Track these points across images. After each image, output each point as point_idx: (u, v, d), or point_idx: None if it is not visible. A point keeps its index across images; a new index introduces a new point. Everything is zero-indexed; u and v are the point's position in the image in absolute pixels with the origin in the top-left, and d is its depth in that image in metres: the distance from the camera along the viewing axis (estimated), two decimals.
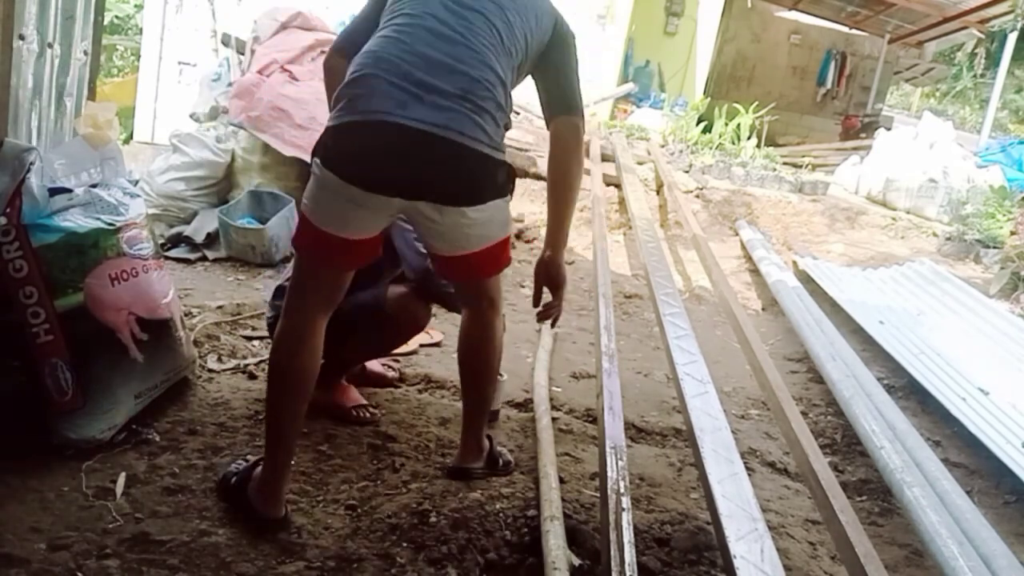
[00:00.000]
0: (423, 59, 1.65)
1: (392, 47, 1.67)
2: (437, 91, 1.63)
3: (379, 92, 1.62)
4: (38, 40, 2.75)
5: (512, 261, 4.73)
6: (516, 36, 1.79)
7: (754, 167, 6.91)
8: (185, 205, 4.34)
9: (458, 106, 1.64)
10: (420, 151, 1.63)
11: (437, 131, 1.61)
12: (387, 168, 1.64)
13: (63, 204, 2.05)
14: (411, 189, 1.69)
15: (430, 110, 1.61)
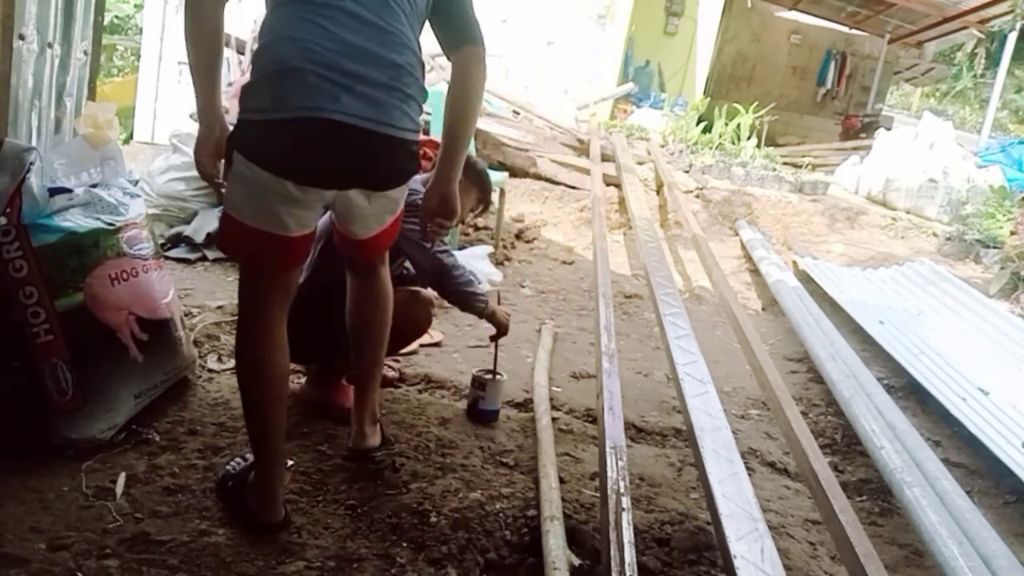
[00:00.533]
0: (348, 47, 1.60)
1: (314, 34, 1.59)
2: (367, 81, 1.61)
3: (309, 86, 1.57)
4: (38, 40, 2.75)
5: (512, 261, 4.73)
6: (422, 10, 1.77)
7: (754, 167, 6.91)
8: (185, 205, 4.33)
9: (388, 97, 1.64)
10: (355, 145, 1.63)
11: (371, 126, 1.62)
12: (323, 163, 1.64)
13: (63, 204, 2.05)
14: (346, 180, 1.70)
15: (362, 103, 1.60)
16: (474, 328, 3.50)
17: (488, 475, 2.19)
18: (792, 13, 12.67)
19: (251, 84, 1.64)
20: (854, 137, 11.08)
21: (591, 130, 7.16)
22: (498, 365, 2.66)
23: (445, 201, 1.88)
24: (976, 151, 8.17)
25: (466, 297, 2.39)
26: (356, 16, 1.62)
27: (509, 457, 2.34)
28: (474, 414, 2.56)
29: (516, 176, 6.09)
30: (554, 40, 7.81)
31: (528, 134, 6.59)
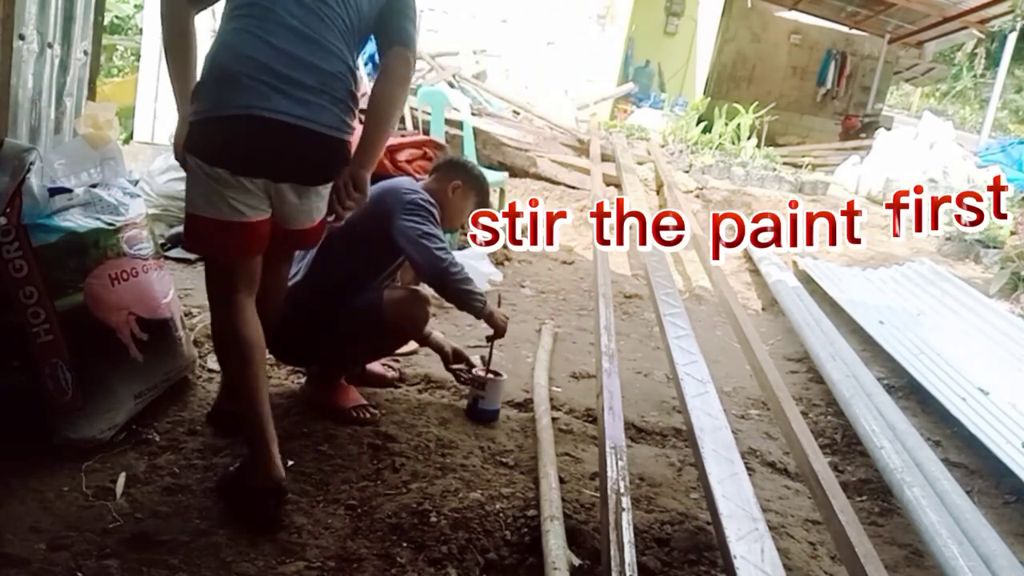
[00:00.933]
0: (281, 54, 1.76)
1: (251, 44, 1.76)
2: (297, 84, 1.76)
3: (243, 87, 1.73)
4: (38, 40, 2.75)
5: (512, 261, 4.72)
6: (362, 11, 1.91)
7: (754, 167, 6.91)
8: None
9: (316, 98, 1.79)
10: (282, 139, 1.77)
11: (297, 122, 1.76)
12: (254, 154, 1.78)
13: (63, 204, 2.05)
14: (276, 173, 1.83)
15: (291, 103, 1.75)
16: (474, 328, 3.50)
17: (488, 475, 2.19)
18: (792, 13, 12.68)
19: (196, 89, 1.81)
20: (854, 137, 11.08)
21: (591, 130, 7.16)
22: (498, 365, 2.66)
23: (355, 182, 1.96)
24: (976, 151, 8.18)
25: (464, 296, 2.39)
26: (292, 29, 1.78)
27: (509, 457, 2.34)
28: (474, 414, 2.56)
29: (516, 176, 6.09)
30: (554, 40, 7.81)
31: (528, 134, 6.59)
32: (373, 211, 2.39)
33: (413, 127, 5.52)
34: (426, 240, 2.29)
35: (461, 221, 2.69)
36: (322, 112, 1.80)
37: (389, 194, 2.38)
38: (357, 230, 2.40)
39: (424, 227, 2.31)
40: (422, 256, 2.31)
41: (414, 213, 2.31)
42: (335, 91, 1.83)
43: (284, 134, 1.76)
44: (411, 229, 2.29)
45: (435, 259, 2.29)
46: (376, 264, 2.43)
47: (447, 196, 2.51)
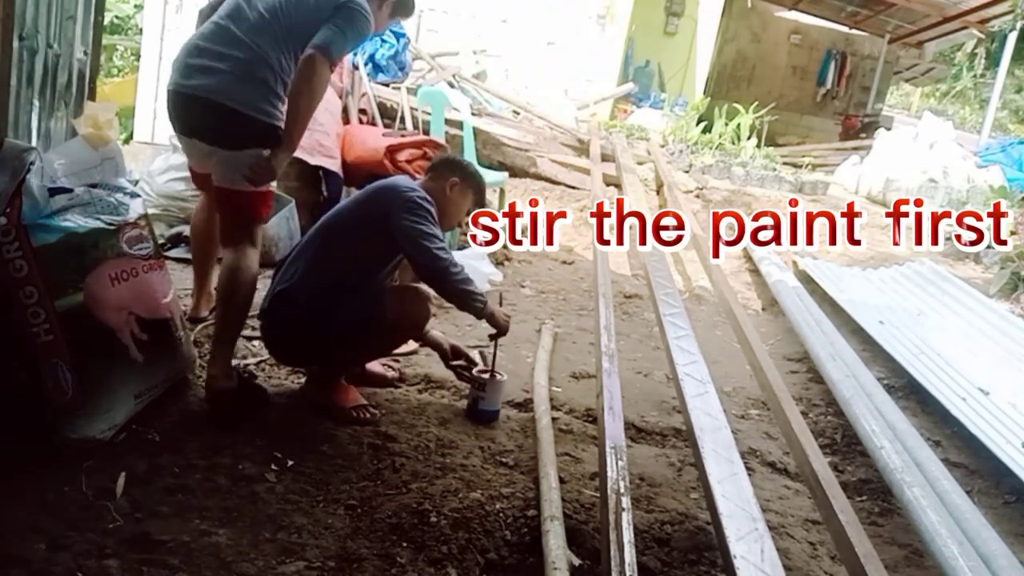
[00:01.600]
0: (211, 47, 2.34)
1: (192, 39, 2.42)
2: (214, 69, 2.31)
3: (176, 68, 2.40)
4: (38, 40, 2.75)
5: (512, 261, 4.72)
6: (293, 26, 2.36)
7: (754, 167, 6.91)
8: (185, 205, 4.33)
9: (225, 79, 2.30)
10: (191, 105, 2.36)
11: (202, 93, 2.31)
12: (176, 117, 2.43)
13: (63, 204, 2.05)
14: (190, 131, 2.43)
15: (206, 80, 2.31)
16: (475, 328, 3.50)
17: (488, 475, 2.19)
18: (792, 13, 12.67)
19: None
20: (854, 137, 11.08)
21: (591, 130, 7.16)
22: (498, 365, 2.66)
23: (270, 157, 2.35)
24: (976, 151, 8.17)
25: (464, 296, 2.39)
26: (227, 30, 2.35)
27: (509, 457, 2.34)
28: (474, 414, 2.56)
29: (516, 176, 6.08)
30: (554, 40, 7.81)
31: (528, 134, 6.59)
32: (371, 210, 2.39)
33: (413, 127, 5.53)
34: (426, 240, 2.29)
35: (459, 219, 2.69)
36: (231, 88, 2.29)
37: (387, 193, 2.38)
38: (355, 229, 2.40)
39: (423, 227, 2.31)
40: (422, 256, 2.31)
41: (413, 212, 2.31)
42: (246, 75, 2.31)
43: (191, 101, 2.34)
44: (411, 229, 2.29)
45: (435, 259, 2.30)
46: (374, 263, 2.43)
47: (444, 195, 2.51)
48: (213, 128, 2.35)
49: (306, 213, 4.13)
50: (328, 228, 2.45)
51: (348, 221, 2.44)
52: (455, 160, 2.70)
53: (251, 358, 2.79)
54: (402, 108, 5.68)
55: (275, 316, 2.39)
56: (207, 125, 2.36)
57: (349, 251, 2.37)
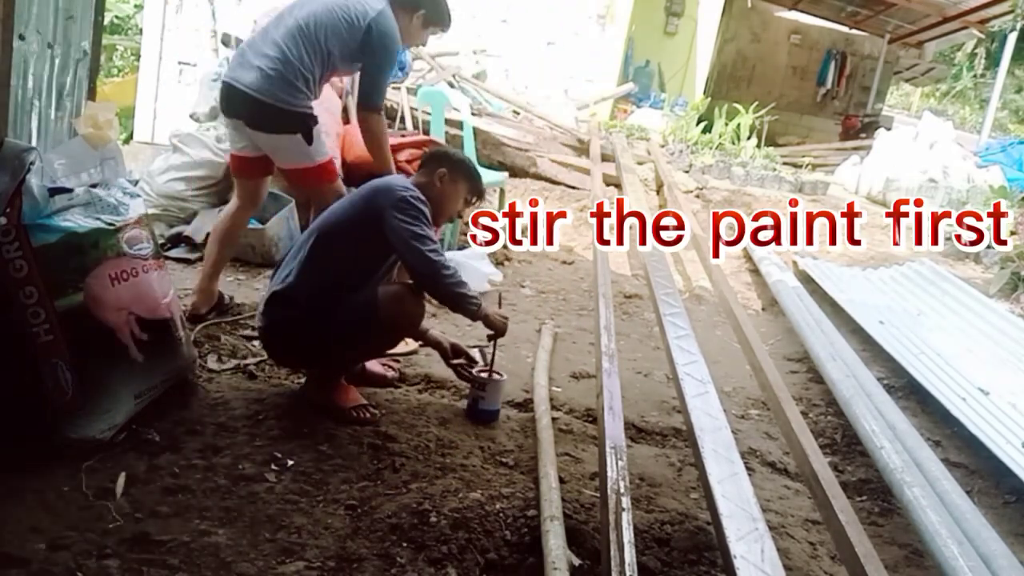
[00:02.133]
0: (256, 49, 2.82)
1: (246, 44, 2.94)
2: (256, 67, 2.77)
3: (231, 65, 2.94)
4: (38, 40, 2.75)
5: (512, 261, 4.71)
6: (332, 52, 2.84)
7: (754, 167, 6.91)
8: (185, 205, 4.33)
9: (264, 75, 2.76)
10: (235, 96, 2.83)
11: (245, 88, 2.78)
12: (225, 105, 2.92)
13: (63, 204, 2.05)
14: (235, 115, 2.89)
15: (248, 75, 2.78)
16: (475, 327, 3.50)
17: (488, 475, 2.19)
18: (792, 13, 12.67)
19: None
20: (854, 137, 11.08)
21: (591, 130, 7.16)
22: (498, 365, 2.66)
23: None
24: (976, 151, 8.17)
25: (456, 299, 2.38)
26: (267, 34, 2.85)
27: (509, 457, 2.34)
28: (474, 414, 2.56)
29: (516, 176, 6.08)
30: (554, 40, 7.80)
31: (528, 134, 6.59)
32: (365, 210, 2.38)
33: (413, 127, 5.53)
34: (417, 242, 2.28)
35: (454, 210, 2.63)
36: (259, 84, 2.76)
37: (381, 192, 2.38)
38: (350, 229, 2.39)
39: (415, 228, 2.29)
40: (413, 258, 2.30)
41: (405, 212, 2.30)
42: (274, 72, 2.76)
43: (233, 92, 2.82)
44: (403, 230, 2.28)
45: (426, 262, 2.29)
46: (371, 263, 2.42)
47: (435, 187, 2.50)
48: (248, 114, 2.83)
49: (306, 213, 4.13)
50: (324, 228, 2.44)
51: (343, 221, 2.43)
52: (442, 152, 2.69)
53: (251, 358, 2.79)
54: (402, 108, 5.68)
55: (273, 317, 2.39)
56: (245, 112, 2.83)
57: (346, 251, 2.37)
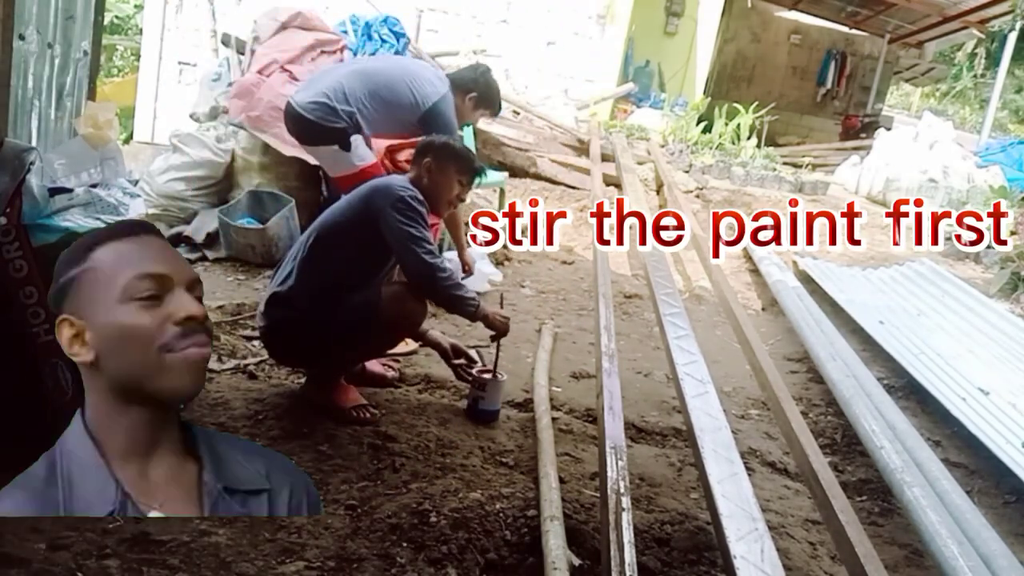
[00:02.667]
0: (316, 78, 3.38)
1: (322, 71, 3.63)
2: (313, 90, 3.22)
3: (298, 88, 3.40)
4: (38, 40, 2.76)
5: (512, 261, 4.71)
6: (386, 102, 3.24)
7: (754, 167, 6.91)
8: (185, 205, 4.33)
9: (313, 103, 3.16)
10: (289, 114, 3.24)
11: (294, 106, 3.20)
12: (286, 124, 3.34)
13: (63, 204, 2.06)
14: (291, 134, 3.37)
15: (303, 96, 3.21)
16: (474, 328, 3.50)
17: (488, 475, 2.19)
18: (792, 13, 12.67)
19: None
20: (854, 137, 11.07)
21: (591, 130, 7.15)
22: (498, 365, 2.66)
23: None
24: (976, 151, 8.17)
25: (454, 301, 2.38)
26: (335, 75, 3.29)
27: (509, 457, 2.34)
28: (474, 414, 2.56)
29: (516, 176, 6.08)
30: (554, 40, 7.80)
31: (528, 134, 6.59)
32: (364, 210, 2.38)
33: None
34: (413, 244, 2.28)
35: (449, 195, 2.57)
36: (312, 106, 3.15)
37: (379, 192, 2.37)
38: (350, 229, 2.39)
39: (411, 229, 2.29)
40: (409, 261, 2.30)
41: (402, 213, 2.30)
42: (340, 108, 3.15)
43: (290, 110, 3.22)
44: (399, 231, 2.28)
45: (422, 264, 2.29)
46: (370, 263, 2.42)
47: (425, 178, 2.49)
48: (295, 132, 3.26)
49: (306, 213, 4.13)
50: (323, 229, 2.43)
51: (342, 222, 2.43)
52: (426, 142, 2.63)
53: (251, 358, 2.79)
54: None
55: (273, 317, 2.39)
56: (294, 130, 3.27)
57: (346, 252, 2.37)
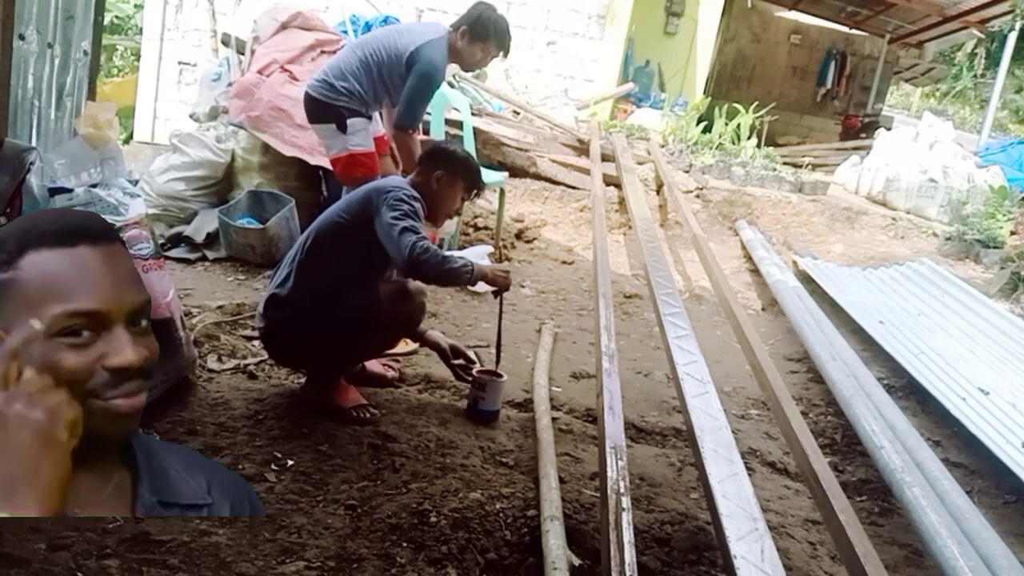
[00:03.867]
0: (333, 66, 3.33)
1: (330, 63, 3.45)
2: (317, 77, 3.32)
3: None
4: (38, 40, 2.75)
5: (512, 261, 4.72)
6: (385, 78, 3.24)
7: (754, 167, 6.90)
8: (185, 205, 4.33)
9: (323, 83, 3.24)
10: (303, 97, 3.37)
11: (311, 90, 3.29)
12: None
13: (63, 204, 2.05)
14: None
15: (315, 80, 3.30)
16: (475, 328, 3.50)
17: (488, 475, 2.19)
18: (792, 13, 12.66)
19: None
20: (854, 137, 11.06)
21: (591, 130, 7.15)
22: (499, 366, 2.66)
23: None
24: (976, 151, 8.17)
25: (448, 274, 2.32)
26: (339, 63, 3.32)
27: (509, 457, 2.34)
28: (474, 414, 2.56)
29: (516, 176, 6.08)
30: (554, 40, 7.80)
31: (528, 134, 6.59)
32: (361, 212, 2.37)
33: None
34: (399, 232, 2.24)
35: (451, 209, 2.62)
36: (316, 84, 3.26)
37: (375, 193, 2.37)
38: (348, 230, 2.39)
39: (400, 220, 2.25)
40: (392, 248, 2.26)
41: (393, 208, 2.28)
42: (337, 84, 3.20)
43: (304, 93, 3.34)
44: (387, 222, 2.26)
45: (402, 247, 2.22)
46: (368, 264, 2.40)
47: (432, 188, 2.49)
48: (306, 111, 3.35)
49: (306, 213, 4.13)
50: (321, 230, 2.43)
51: (341, 223, 2.42)
52: (439, 150, 2.63)
53: (251, 358, 2.79)
54: None
55: (272, 319, 2.39)
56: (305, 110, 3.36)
57: (344, 253, 2.36)
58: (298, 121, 4.26)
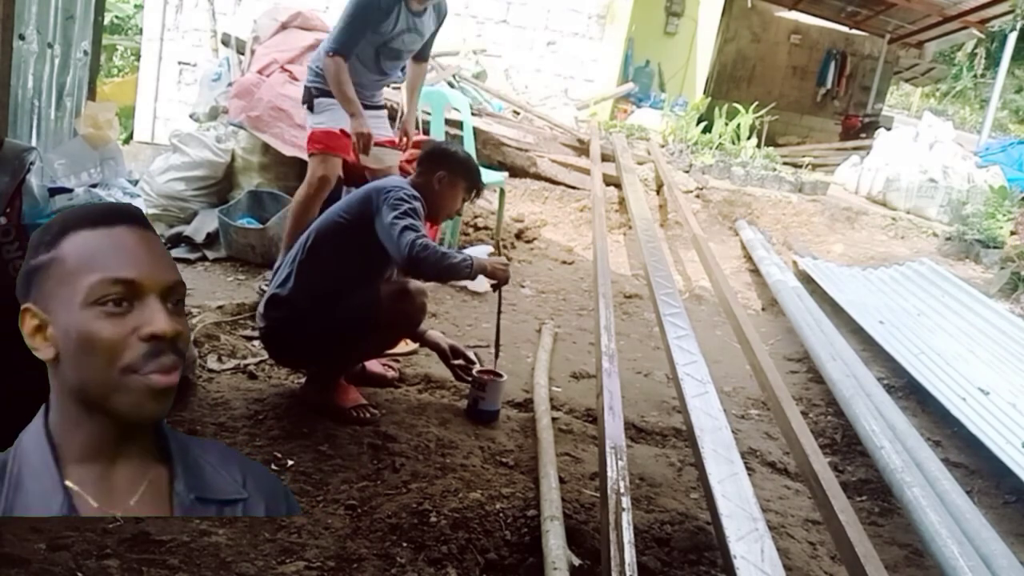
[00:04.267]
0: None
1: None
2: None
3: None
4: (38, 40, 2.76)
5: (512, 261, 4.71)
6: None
7: (754, 167, 6.90)
8: (185, 205, 4.33)
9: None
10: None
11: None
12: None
13: (63, 204, 2.05)
14: None
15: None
16: (475, 328, 3.50)
17: (488, 475, 2.19)
18: (792, 13, 12.66)
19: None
20: (854, 137, 11.06)
21: (591, 130, 7.15)
22: (498, 365, 2.66)
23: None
24: (976, 151, 8.17)
25: (447, 270, 2.32)
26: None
27: (509, 457, 2.34)
28: (474, 414, 2.56)
29: (516, 176, 6.08)
30: (554, 40, 7.81)
31: (528, 134, 6.59)
32: (361, 213, 2.37)
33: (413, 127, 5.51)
34: (398, 230, 2.23)
35: (452, 210, 2.64)
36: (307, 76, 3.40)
37: (375, 193, 2.37)
38: (348, 230, 2.39)
39: (399, 218, 2.25)
40: (392, 246, 2.26)
41: (394, 207, 2.28)
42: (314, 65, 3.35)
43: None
44: (388, 224, 2.26)
45: (402, 245, 2.22)
46: (368, 264, 2.40)
47: (433, 189, 2.49)
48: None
49: None
50: (321, 230, 2.43)
51: (340, 223, 2.42)
52: (440, 150, 2.63)
53: (251, 358, 2.79)
54: (402, 108, 5.67)
55: (272, 319, 2.39)
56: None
57: (344, 253, 2.36)
58: (298, 121, 4.26)
